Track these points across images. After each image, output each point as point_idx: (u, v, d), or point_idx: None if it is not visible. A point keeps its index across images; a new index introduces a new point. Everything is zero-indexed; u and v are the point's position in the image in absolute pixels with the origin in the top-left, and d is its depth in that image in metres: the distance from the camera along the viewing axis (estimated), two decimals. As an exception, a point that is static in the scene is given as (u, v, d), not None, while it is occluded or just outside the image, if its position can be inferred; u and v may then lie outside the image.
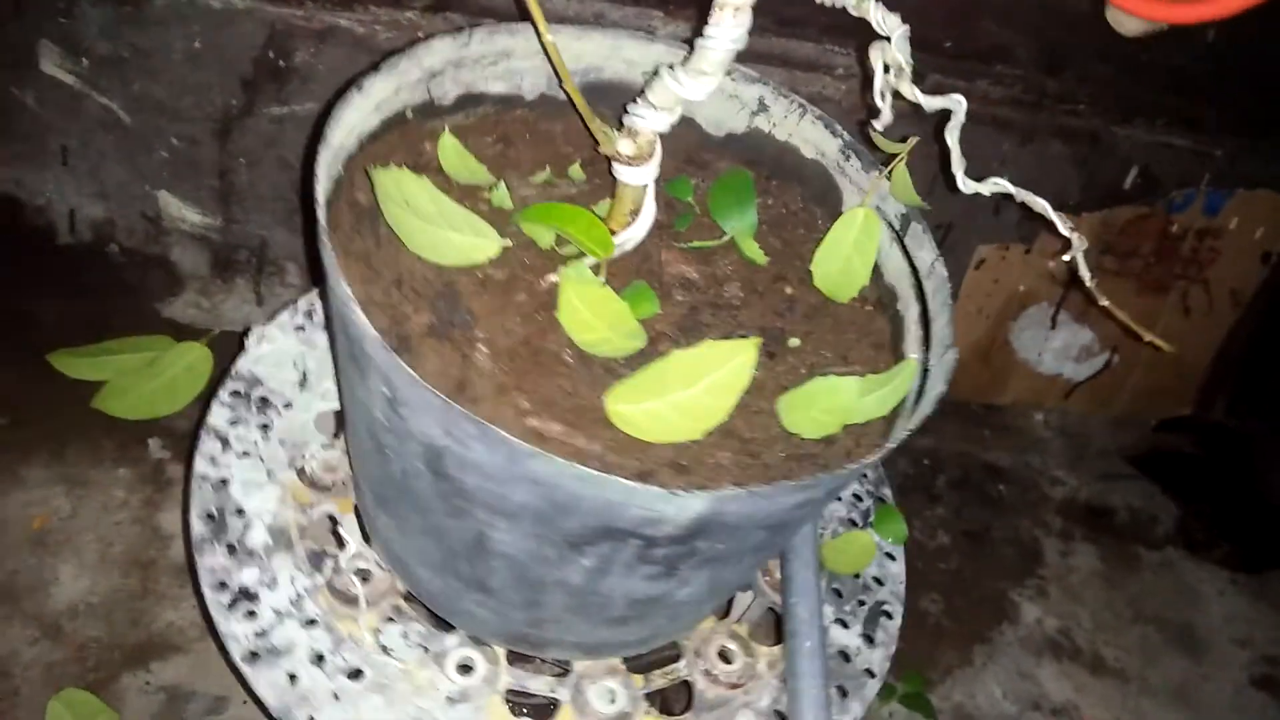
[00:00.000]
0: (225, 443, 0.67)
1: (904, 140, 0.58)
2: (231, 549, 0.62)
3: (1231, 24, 0.55)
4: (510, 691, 0.61)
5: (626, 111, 0.55)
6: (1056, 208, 1.22)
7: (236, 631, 0.59)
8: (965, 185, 0.55)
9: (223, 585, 0.60)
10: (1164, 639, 1.13)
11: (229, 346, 0.76)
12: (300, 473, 0.67)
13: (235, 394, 0.69)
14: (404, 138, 0.59)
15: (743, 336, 0.55)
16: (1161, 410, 1.33)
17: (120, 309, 1.00)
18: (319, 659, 0.59)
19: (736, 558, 0.53)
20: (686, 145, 0.67)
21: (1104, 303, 0.55)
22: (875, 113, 0.56)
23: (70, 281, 1.00)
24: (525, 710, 0.63)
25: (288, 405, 0.69)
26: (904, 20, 0.53)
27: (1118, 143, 1.10)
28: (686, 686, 0.64)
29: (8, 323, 0.94)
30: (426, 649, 0.61)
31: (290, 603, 0.61)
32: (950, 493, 1.18)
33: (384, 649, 0.60)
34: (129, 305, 1.00)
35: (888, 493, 0.77)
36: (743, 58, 0.89)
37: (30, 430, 0.90)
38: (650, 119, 0.53)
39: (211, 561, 0.61)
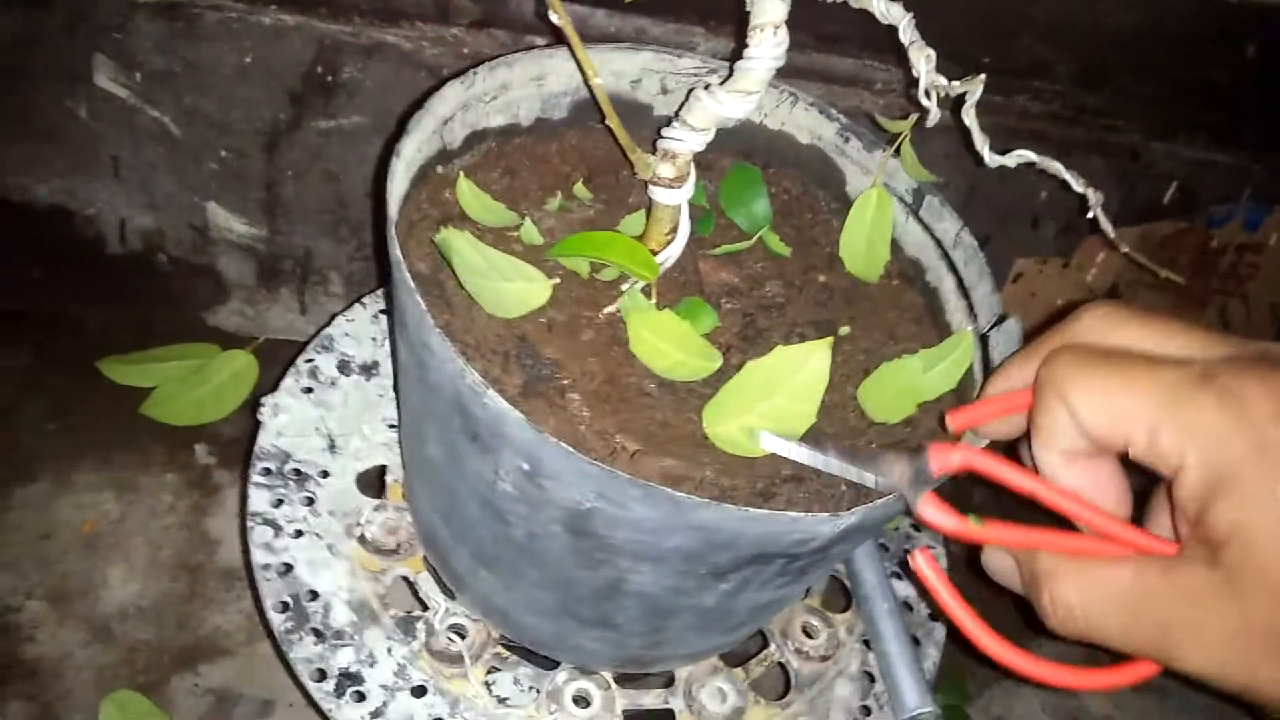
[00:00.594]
0: (276, 527, 0.65)
1: (904, 118, 0.61)
2: (319, 634, 0.61)
3: (1272, 41, 0.56)
4: (627, 711, 0.61)
5: (661, 135, 0.55)
6: (1092, 222, 1.22)
7: (352, 717, 0.57)
8: (991, 159, 0.57)
9: (322, 674, 0.59)
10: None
11: (274, 353, 0.77)
12: (361, 540, 0.66)
13: (267, 471, 0.68)
14: (429, 191, 0.59)
15: (801, 335, 0.57)
16: (1198, 426, 1.32)
17: (167, 317, 1.01)
18: None
19: (849, 552, 0.54)
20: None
21: (1124, 249, 0.57)
22: (924, 113, 0.57)
23: (119, 290, 1.01)
24: None
25: (324, 474, 0.68)
26: (945, 38, 0.54)
27: (1157, 158, 1.10)
28: (781, 669, 0.65)
29: (58, 330, 0.96)
30: (538, 690, 0.61)
31: (394, 675, 0.60)
32: (987, 506, 1.18)
33: (499, 700, 0.60)
34: (176, 313, 1.02)
35: None
36: (783, 73, 0.90)
37: (80, 436, 0.92)
38: (689, 140, 0.54)
39: (303, 652, 0.60)
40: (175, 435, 0.88)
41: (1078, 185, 0.55)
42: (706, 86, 0.53)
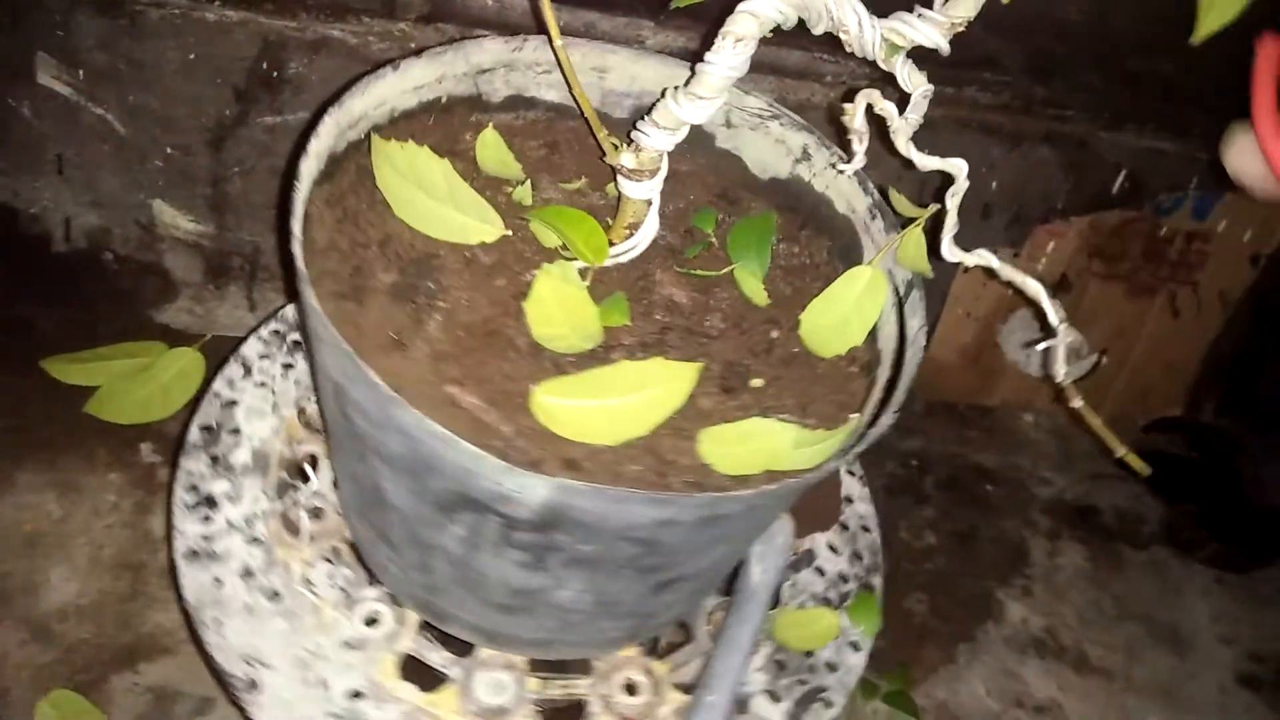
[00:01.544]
0: (247, 370, 0.74)
1: (925, 206, 0.57)
2: (214, 460, 0.69)
3: (1219, 34, 0.56)
4: (410, 658, 0.64)
5: (634, 127, 0.56)
6: (1044, 212, 1.23)
7: (187, 529, 0.65)
8: (950, 253, 0.54)
9: (193, 488, 0.67)
10: (1149, 637, 1.14)
11: (222, 351, 0.78)
12: (301, 412, 0.73)
13: (275, 333, 0.77)
14: (444, 124, 0.64)
15: (704, 366, 0.56)
16: (1151, 411, 1.34)
17: (115, 315, 1.01)
18: (247, 573, 0.64)
19: (613, 570, 0.53)
20: (727, 182, 0.69)
21: (1076, 404, 0.54)
22: (849, 156, 0.56)
23: (65, 289, 1.01)
24: (418, 677, 0.65)
25: None
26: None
27: (1106, 148, 1.11)
28: (580, 708, 0.65)
29: (3, 330, 0.96)
30: (346, 593, 0.65)
31: (244, 519, 0.67)
32: (938, 493, 1.19)
33: (307, 581, 0.65)
34: (123, 312, 1.02)
35: (877, 581, 0.77)
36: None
37: (24, 435, 0.92)
38: (654, 137, 0.55)
39: (192, 466, 0.68)
40: (120, 434, 0.88)
41: (1054, 316, 0.52)
42: (674, 88, 0.54)
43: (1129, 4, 0.97)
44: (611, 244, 0.59)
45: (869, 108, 0.53)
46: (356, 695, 0.61)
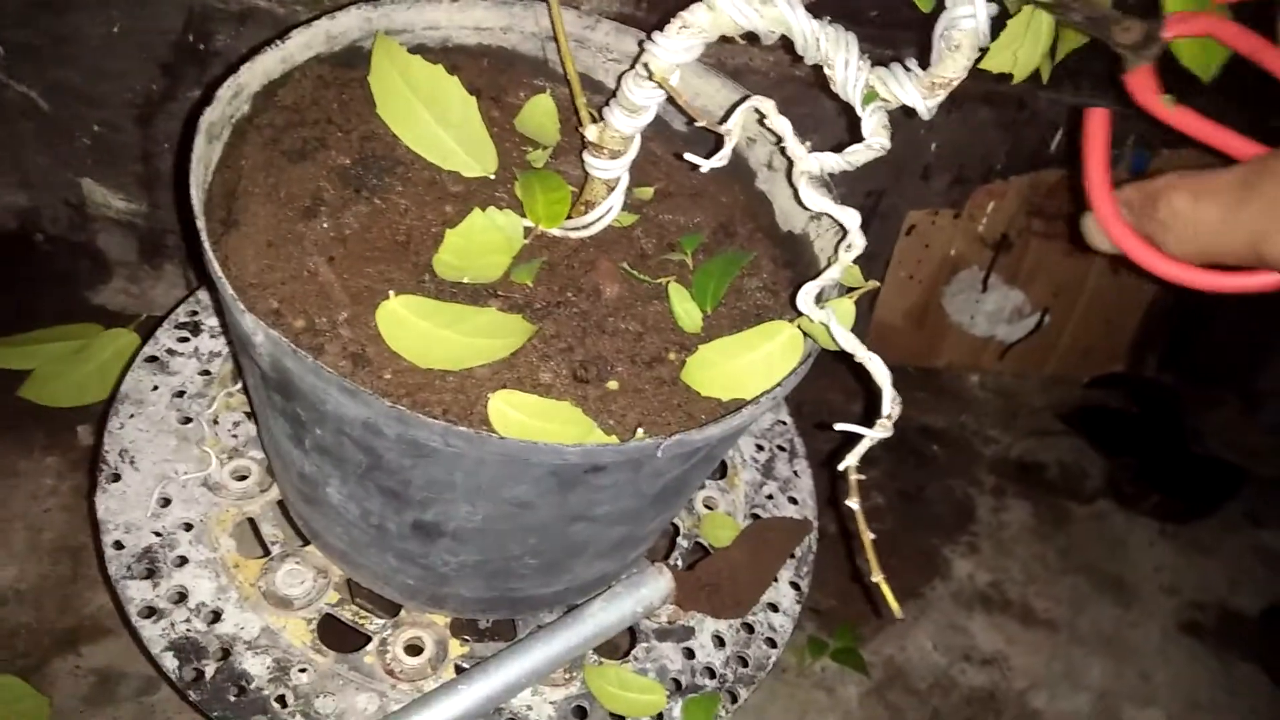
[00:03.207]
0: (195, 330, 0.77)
1: (869, 281, 0.53)
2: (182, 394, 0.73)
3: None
4: (330, 614, 0.63)
5: (606, 104, 0.55)
6: (983, 172, 1.23)
7: (161, 339, 0.73)
8: (802, 303, 0.50)
9: (193, 312, 0.75)
10: (1094, 589, 1.17)
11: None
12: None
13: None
14: (501, 70, 0.66)
15: (565, 349, 0.53)
16: (1094, 368, 1.36)
17: (48, 297, 1.00)
18: (179, 394, 0.71)
19: (352, 472, 0.52)
20: (741, 220, 0.65)
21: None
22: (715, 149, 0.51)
23: (-4, 271, 0.99)
24: (336, 638, 0.63)
25: None
26: None
27: (1043, 106, 1.11)
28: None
29: (-65, 315, 0.94)
30: (235, 448, 0.70)
31: (210, 354, 0.74)
32: (885, 454, 1.21)
33: (215, 421, 0.70)
34: (57, 294, 1.00)
35: (743, 696, 0.68)
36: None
37: (-40, 421, 0.91)
38: (616, 116, 0.54)
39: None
40: (57, 417, 0.87)
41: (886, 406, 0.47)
42: (631, 70, 0.53)
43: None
44: (568, 216, 0.58)
45: (761, 118, 0.49)
46: (186, 527, 0.64)
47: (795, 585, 0.72)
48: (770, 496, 0.76)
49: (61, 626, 0.82)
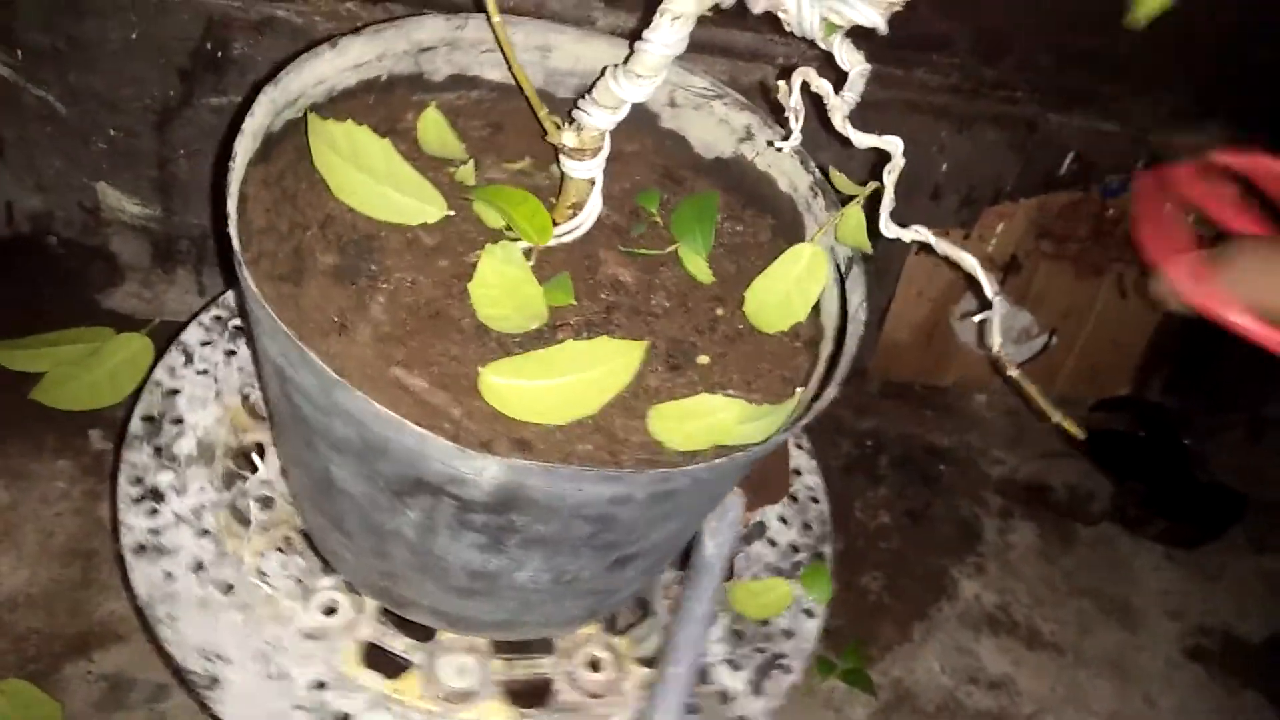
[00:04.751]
0: (189, 358, 0.72)
1: (864, 184, 0.58)
2: (158, 451, 0.67)
3: (1164, 15, 0.56)
4: (372, 646, 0.63)
5: (575, 106, 0.56)
6: (992, 193, 1.24)
7: (134, 523, 0.64)
8: (889, 229, 0.55)
9: (138, 480, 0.66)
10: (1099, 612, 1.16)
11: (171, 336, 0.77)
12: (245, 399, 0.71)
13: (216, 319, 0.75)
14: (385, 103, 0.63)
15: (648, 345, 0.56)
16: (1101, 390, 1.36)
17: (61, 300, 0.99)
18: (198, 566, 0.63)
19: (570, 549, 0.53)
20: (671, 162, 0.69)
21: (1012, 374, 0.55)
22: (787, 134, 0.56)
23: (9, 274, 0.99)
24: (380, 665, 0.64)
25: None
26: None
27: (1054, 130, 1.12)
28: (548, 685, 0.66)
29: (-53, 317, 0.94)
30: (300, 582, 0.65)
31: (192, 511, 0.66)
32: (893, 473, 1.21)
33: (260, 573, 0.64)
34: (70, 297, 1.00)
35: (828, 550, 0.78)
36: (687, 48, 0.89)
37: (-31, 424, 0.90)
38: (595, 116, 0.55)
39: (135, 458, 0.67)
40: (69, 421, 0.87)
41: (989, 289, 0.53)
42: (614, 67, 0.53)
43: (1073, -15, 0.98)
44: (556, 224, 0.59)
45: (805, 86, 0.53)
46: (320, 686, 0.61)
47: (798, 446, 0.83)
48: None
49: (73, 631, 0.82)
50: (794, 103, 0.54)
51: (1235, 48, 1.05)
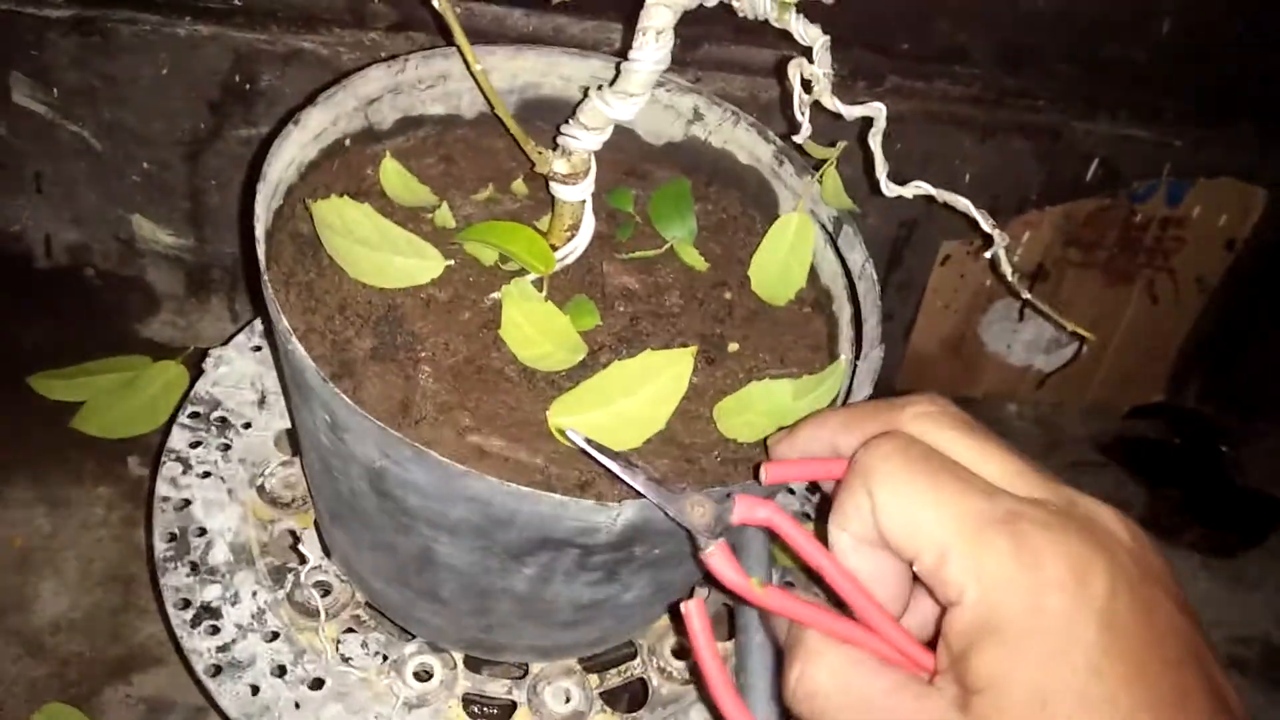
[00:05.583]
0: (186, 465, 0.69)
1: (832, 145, 0.60)
2: (194, 567, 0.65)
3: (1186, 18, 0.55)
4: (468, 695, 0.63)
5: (560, 131, 0.57)
6: (1017, 202, 1.23)
7: (199, 647, 0.62)
8: (889, 189, 0.56)
9: (186, 603, 0.63)
10: (1135, 623, 1.15)
11: (197, 363, 0.79)
12: (260, 490, 0.69)
13: (195, 415, 0.73)
14: (345, 165, 0.62)
15: (683, 344, 0.57)
16: (1134, 397, 1.35)
17: (98, 330, 1.02)
18: (280, 671, 0.62)
19: (677, 560, 0.54)
20: (627, 157, 0.69)
21: (1025, 295, 0.57)
22: (796, 127, 0.57)
23: (48, 306, 1.02)
24: (485, 712, 0.65)
25: (247, 425, 0.72)
26: (862, 24, 0.54)
27: (1079, 137, 1.11)
28: (642, 684, 0.66)
29: (-11, 348, 0.97)
30: (385, 656, 0.64)
31: (252, 617, 0.64)
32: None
33: (344, 658, 0.63)
34: (107, 327, 1.03)
35: None
36: (704, 65, 0.91)
37: (12, 452, 0.93)
38: (583, 139, 0.55)
39: (175, 581, 0.64)
40: (107, 448, 0.89)
41: (986, 225, 0.54)
42: (599, 87, 0.54)
43: (1092, -5, 0.98)
44: (555, 248, 0.59)
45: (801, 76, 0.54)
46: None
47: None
48: None
49: (112, 655, 0.84)
50: (798, 96, 0.54)
51: (1258, 49, 1.04)
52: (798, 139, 0.57)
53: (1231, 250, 1.23)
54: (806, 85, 0.54)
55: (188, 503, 0.68)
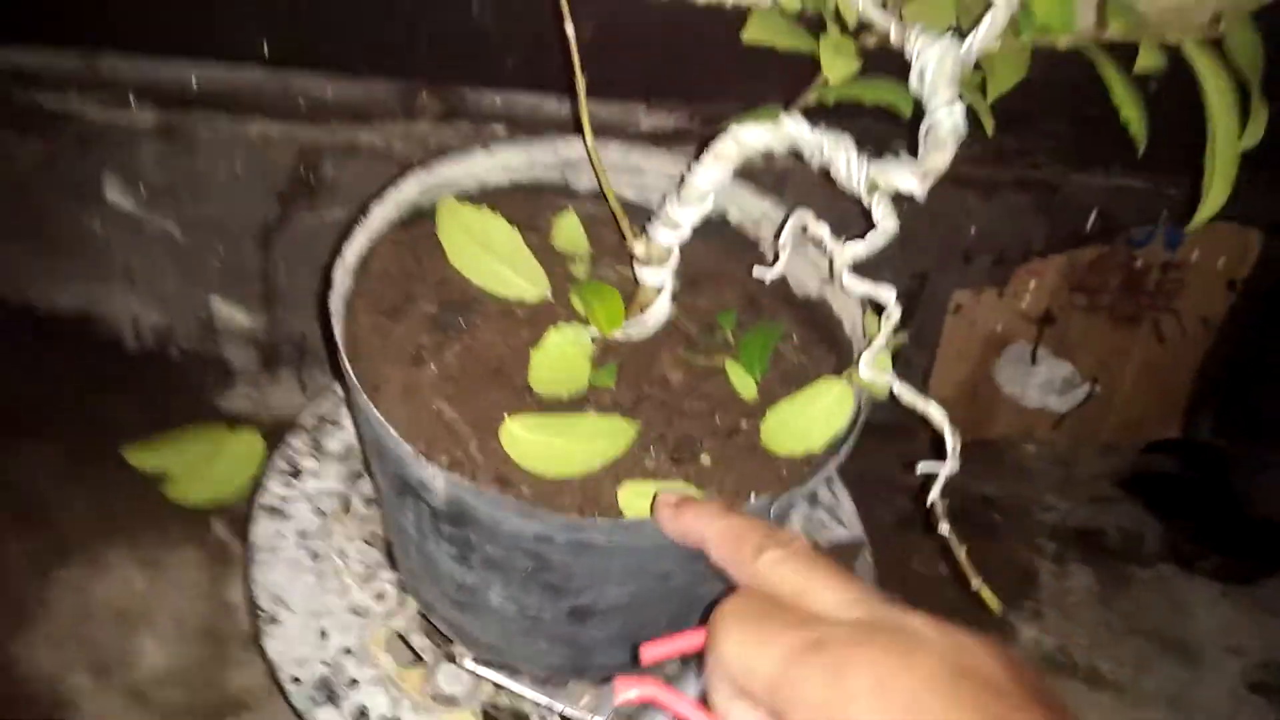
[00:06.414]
0: (294, 473, 0.86)
1: (897, 332, 0.60)
2: (315, 443, 0.86)
3: (1172, 77, 0.61)
4: (399, 635, 0.76)
5: (649, 220, 0.63)
6: (1022, 252, 1.30)
7: (272, 488, 0.84)
8: (864, 371, 0.59)
9: (290, 459, 0.85)
10: (1159, 651, 1.19)
11: (279, 431, 0.87)
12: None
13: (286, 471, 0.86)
14: (530, 201, 0.74)
15: (658, 437, 0.62)
16: (1149, 434, 1.40)
17: (181, 404, 1.11)
18: (302, 534, 0.81)
19: (519, 578, 0.60)
20: (762, 291, 0.74)
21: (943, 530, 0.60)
22: (774, 259, 0.61)
23: (137, 383, 1.11)
24: (400, 657, 0.76)
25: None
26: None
27: (1076, 190, 1.18)
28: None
29: (86, 425, 1.05)
30: (368, 569, 0.80)
31: (317, 492, 0.83)
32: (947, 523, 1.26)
33: (343, 553, 0.80)
34: (189, 401, 1.12)
35: None
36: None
37: (110, 520, 1.01)
38: (660, 232, 0.62)
39: (296, 442, 0.87)
40: (194, 513, 0.96)
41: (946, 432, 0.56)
42: (672, 192, 0.61)
43: (1077, 63, 1.05)
44: (628, 321, 0.66)
45: (804, 229, 0.58)
46: (347, 651, 0.73)
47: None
48: (822, 523, 0.84)
49: (207, 704, 0.91)
50: (784, 239, 0.59)
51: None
52: (767, 276, 0.61)
53: (1233, 290, 1.29)
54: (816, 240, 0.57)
55: (318, 442, 0.87)
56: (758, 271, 0.62)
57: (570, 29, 0.61)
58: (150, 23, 0.90)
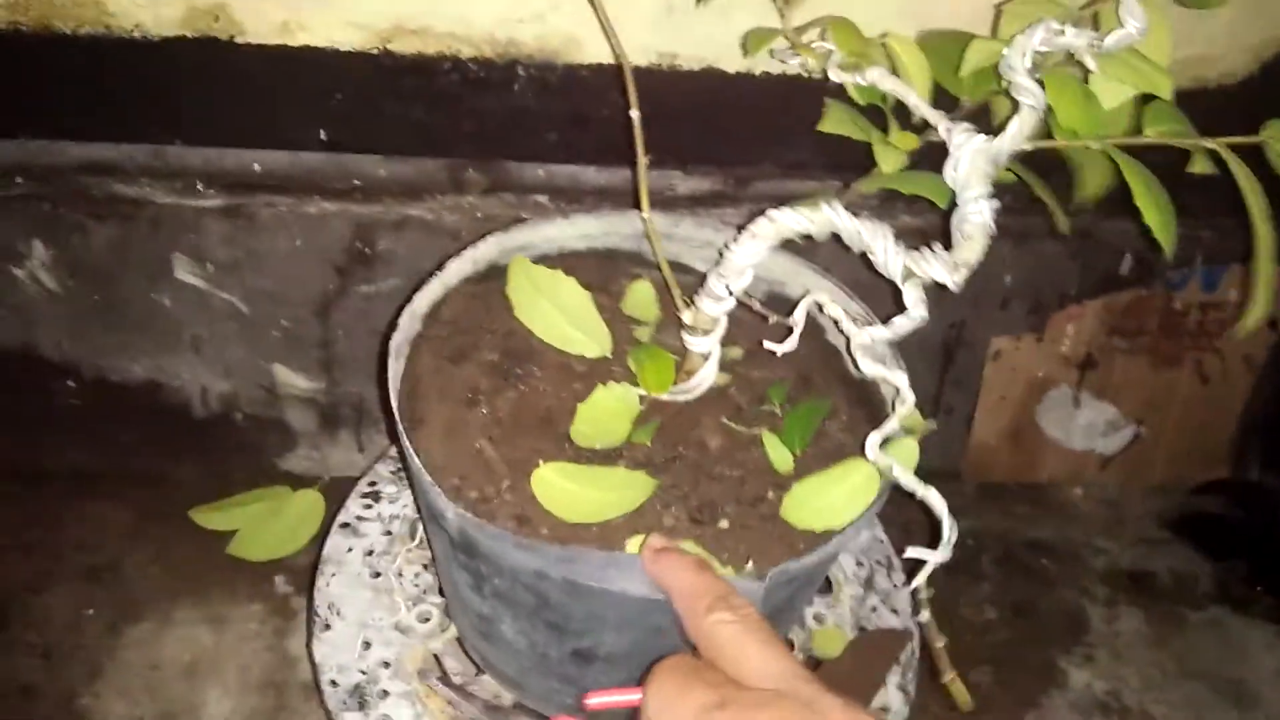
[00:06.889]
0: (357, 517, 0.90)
1: (926, 419, 0.61)
2: (397, 471, 0.91)
3: (1201, 121, 0.63)
4: (435, 657, 0.79)
5: (697, 290, 0.65)
6: (1060, 298, 1.31)
7: (351, 507, 0.89)
8: (870, 451, 0.59)
9: (373, 484, 0.89)
10: (1213, 694, 1.18)
11: (339, 490, 0.91)
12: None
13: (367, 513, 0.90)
14: (606, 266, 0.78)
15: (682, 496, 0.63)
16: (1198, 474, 1.39)
17: (245, 465, 1.17)
18: (369, 552, 0.85)
19: (524, 613, 0.62)
20: (816, 369, 0.76)
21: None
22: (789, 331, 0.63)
23: (204, 446, 1.17)
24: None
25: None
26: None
27: (1109, 235, 1.19)
28: None
29: (155, 486, 1.12)
30: (419, 592, 0.83)
31: (390, 516, 0.88)
32: (995, 569, 1.26)
33: (400, 574, 0.84)
34: (252, 461, 1.17)
35: None
36: (757, 199, 1.01)
37: (178, 578, 1.06)
38: (704, 302, 0.64)
39: (381, 469, 0.91)
40: (257, 569, 1.01)
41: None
42: (714, 266, 0.63)
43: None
44: (675, 385, 0.68)
45: (820, 308, 0.61)
46: (384, 665, 0.76)
47: (902, 690, 0.80)
48: (874, 609, 0.85)
49: (270, 751, 0.96)
50: (797, 317, 0.61)
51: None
52: (778, 350, 0.62)
53: (1275, 329, 1.29)
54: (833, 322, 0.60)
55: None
56: (767, 344, 0.63)
57: (635, 114, 0.66)
58: (216, 117, 0.97)
